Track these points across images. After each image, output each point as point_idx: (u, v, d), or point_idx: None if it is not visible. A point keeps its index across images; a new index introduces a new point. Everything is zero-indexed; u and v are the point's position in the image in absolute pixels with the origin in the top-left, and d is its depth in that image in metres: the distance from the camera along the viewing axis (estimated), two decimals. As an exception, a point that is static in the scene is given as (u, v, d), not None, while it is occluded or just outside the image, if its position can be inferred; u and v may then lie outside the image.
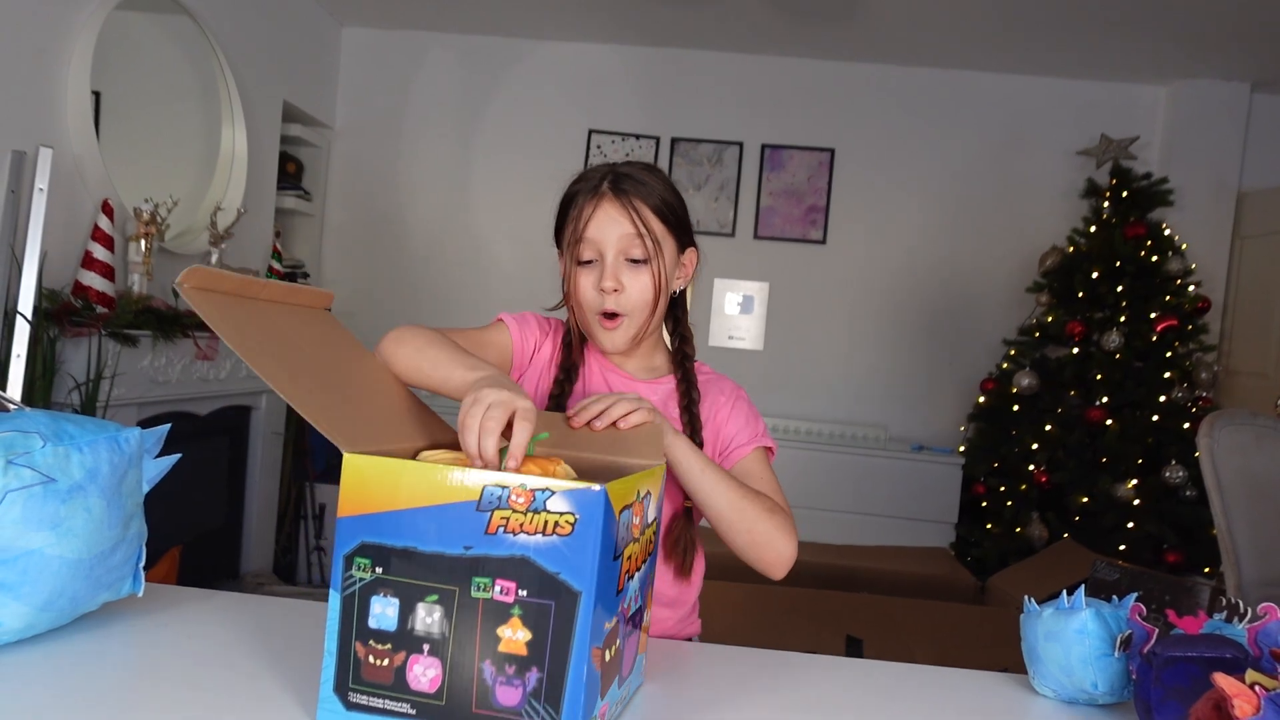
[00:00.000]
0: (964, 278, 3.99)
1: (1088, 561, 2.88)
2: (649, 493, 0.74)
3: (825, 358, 3.98)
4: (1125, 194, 3.53)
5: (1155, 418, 3.32)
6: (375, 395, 0.82)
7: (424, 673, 0.62)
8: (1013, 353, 3.64)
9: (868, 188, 4.00)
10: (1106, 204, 3.57)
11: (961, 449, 3.73)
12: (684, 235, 1.10)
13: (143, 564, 0.85)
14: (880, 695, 0.86)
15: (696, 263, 1.14)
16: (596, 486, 0.60)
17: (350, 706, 0.63)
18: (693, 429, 1.07)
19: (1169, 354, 3.38)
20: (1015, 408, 3.51)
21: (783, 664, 0.92)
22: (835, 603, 2.72)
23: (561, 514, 0.60)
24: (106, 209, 2.44)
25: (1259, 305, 3.74)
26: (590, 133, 4.05)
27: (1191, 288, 3.48)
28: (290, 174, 3.78)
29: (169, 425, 0.91)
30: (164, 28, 2.88)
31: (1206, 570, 3.21)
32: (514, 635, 0.61)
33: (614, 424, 0.88)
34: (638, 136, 4.03)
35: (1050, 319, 3.52)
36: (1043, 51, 3.68)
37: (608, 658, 0.65)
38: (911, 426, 4.01)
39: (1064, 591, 0.89)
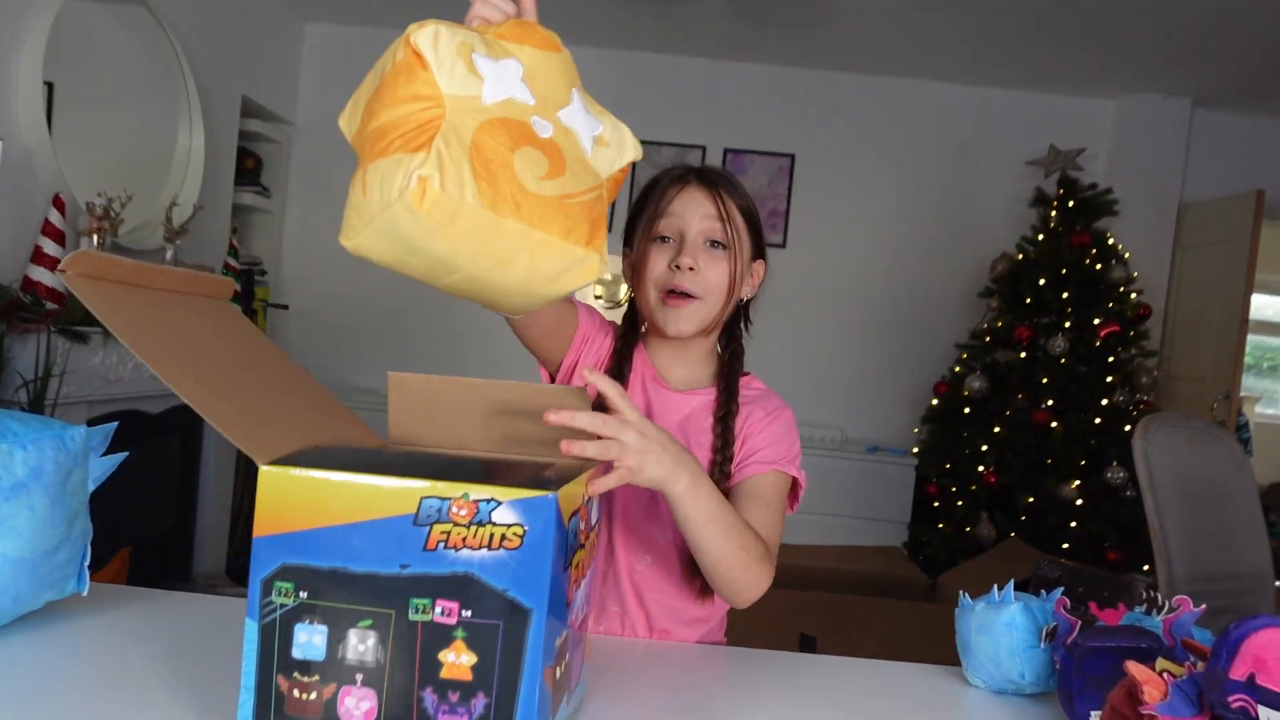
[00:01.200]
0: (918, 283, 4.08)
1: (1033, 560, 2.97)
2: (590, 498, 0.70)
3: (784, 361, 4.04)
4: (1072, 203, 3.64)
5: (1098, 420, 3.42)
6: (286, 394, 0.76)
7: (357, 705, 0.57)
8: (964, 356, 3.73)
9: (827, 193, 4.07)
10: (1054, 213, 3.67)
11: (915, 450, 3.81)
12: (759, 242, 1.09)
13: (88, 563, 0.85)
14: (822, 688, 0.89)
15: (764, 276, 1.12)
16: (548, 493, 0.56)
17: None
18: (724, 441, 1.02)
19: (1111, 359, 3.49)
20: (966, 410, 3.60)
21: (726, 659, 0.95)
22: (789, 601, 2.76)
23: (508, 526, 0.56)
24: (58, 203, 2.39)
25: (1197, 313, 3.88)
26: (553, 134, 4.06)
27: (1134, 295, 3.60)
28: (249, 170, 3.73)
29: (116, 423, 0.90)
30: (120, 19, 2.83)
31: (1145, 568, 3.32)
32: (458, 659, 0.56)
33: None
34: (600, 138, 4.05)
35: (1000, 324, 3.62)
36: (996, 64, 3.78)
37: (558, 675, 0.62)
38: (867, 428, 4.09)
39: (994, 586, 0.93)
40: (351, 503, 0.57)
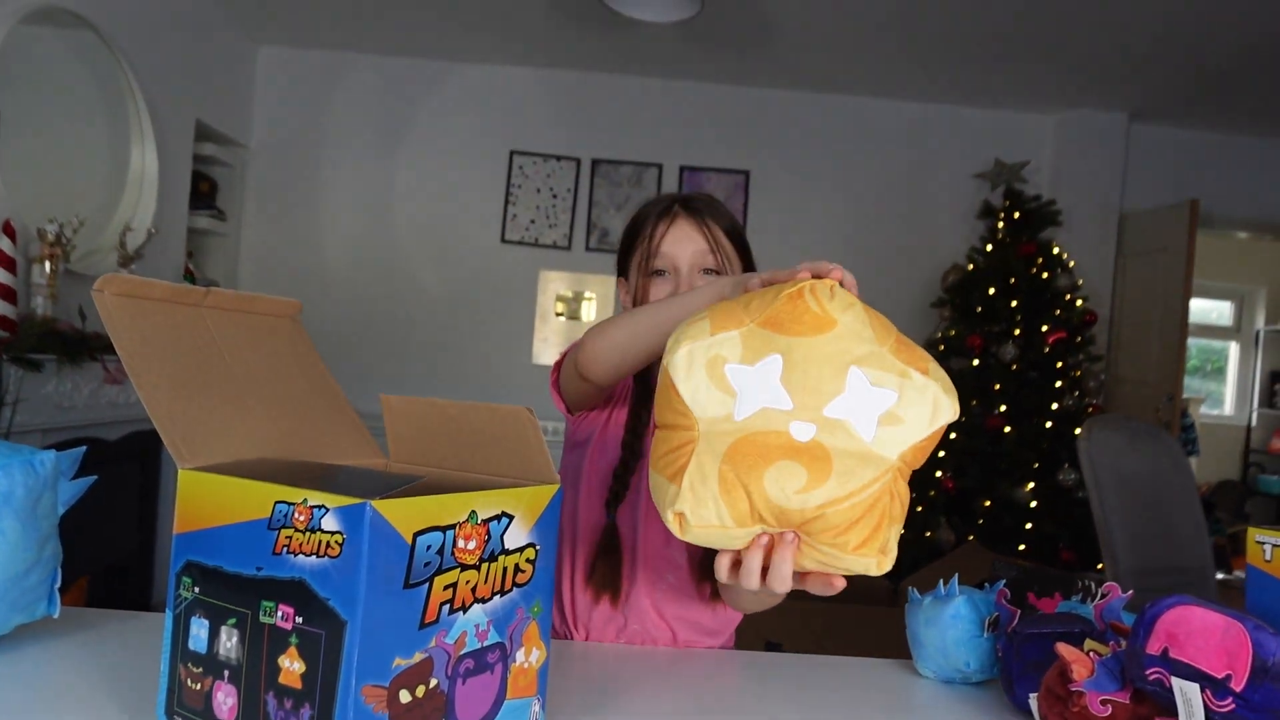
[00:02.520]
0: (873, 294, 4.12)
1: (990, 562, 3.05)
2: (510, 515, 0.67)
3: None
4: (1018, 215, 3.77)
5: (1049, 424, 3.53)
6: (292, 411, 0.80)
7: (224, 700, 0.60)
8: (920, 365, 3.82)
9: (782, 209, 4.15)
10: (1001, 224, 3.80)
11: (874, 458, 3.88)
12: (748, 260, 1.13)
13: (58, 585, 0.86)
14: (779, 684, 0.92)
15: None
16: (362, 502, 0.55)
17: None
18: None
19: (1060, 364, 3.61)
20: (923, 418, 3.68)
21: (685, 659, 0.99)
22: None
23: (332, 534, 0.56)
24: (8, 230, 2.36)
25: (1140, 318, 4.03)
26: (512, 154, 4.09)
27: (1079, 302, 3.73)
28: (204, 193, 3.71)
29: (85, 448, 0.92)
30: (68, 43, 2.80)
31: (1100, 566, 3.42)
32: (291, 666, 0.56)
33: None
34: (559, 158, 4.09)
35: (953, 333, 3.72)
36: (940, 81, 3.91)
37: (405, 699, 0.59)
38: (828, 438, 4.15)
39: (939, 581, 0.98)
40: (232, 505, 0.61)
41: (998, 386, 3.57)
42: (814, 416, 0.62)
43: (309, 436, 0.82)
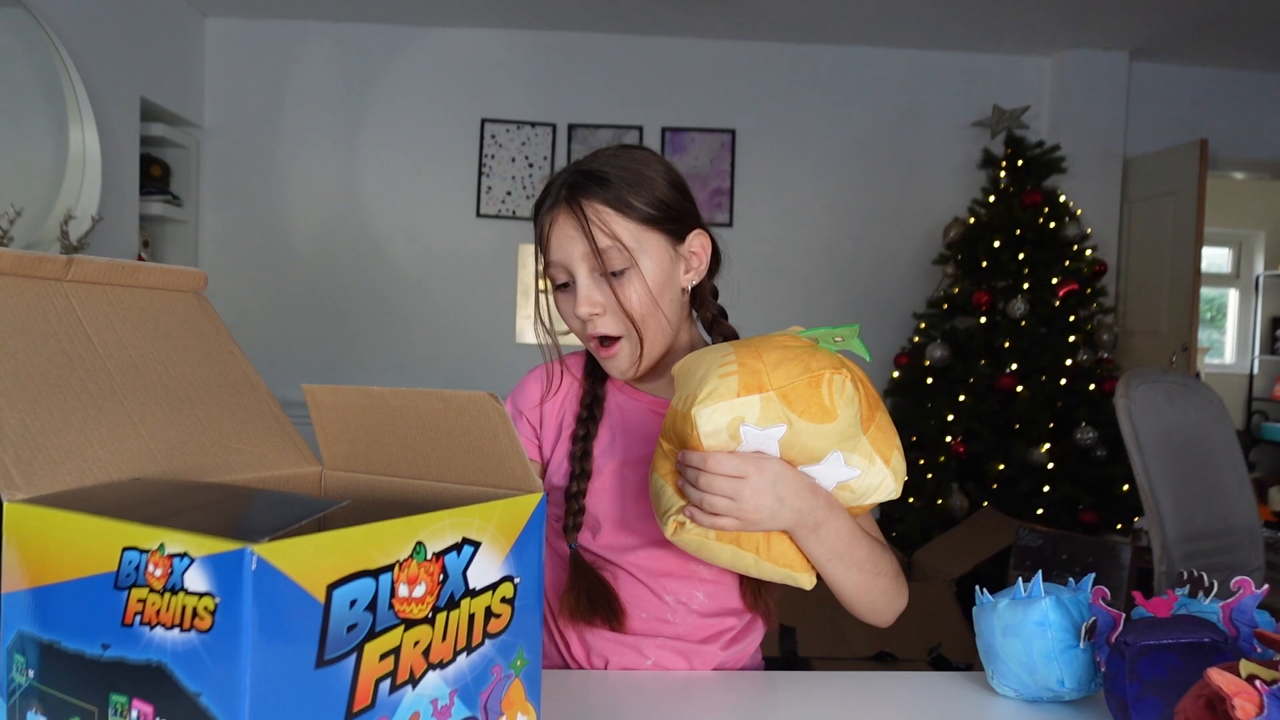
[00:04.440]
0: (872, 254, 3.99)
1: (1008, 528, 2.90)
2: (474, 543, 0.50)
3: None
4: (1020, 162, 3.58)
5: (1063, 381, 3.37)
6: (191, 409, 0.62)
7: None
8: (923, 326, 3.65)
9: (771, 168, 3.94)
10: (1003, 174, 3.61)
11: (879, 425, 3.72)
12: (674, 223, 0.91)
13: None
14: (836, 710, 0.75)
15: (712, 247, 0.96)
16: (240, 546, 0.38)
17: None
18: None
19: (1072, 318, 3.44)
20: (929, 380, 3.52)
21: (730, 682, 0.81)
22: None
23: (199, 596, 0.39)
24: (-74, 222, 2.14)
25: (1148, 266, 3.86)
26: (484, 122, 3.86)
27: (1088, 252, 3.56)
28: (155, 177, 3.47)
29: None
30: (-8, 20, 2.56)
31: (1119, 527, 3.28)
32: None
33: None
34: (534, 124, 3.87)
35: (957, 290, 3.54)
36: (933, 24, 3.70)
37: None
38: (829, 406, 3.99)
39: (1019, 580, 0.80)
40: (71, 552, 0.43)
41: (1007, 344, 3.40)
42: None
43: (211, 444, 0.63)
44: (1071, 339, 3.40)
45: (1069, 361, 3.37)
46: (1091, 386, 3.35)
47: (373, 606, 0.43)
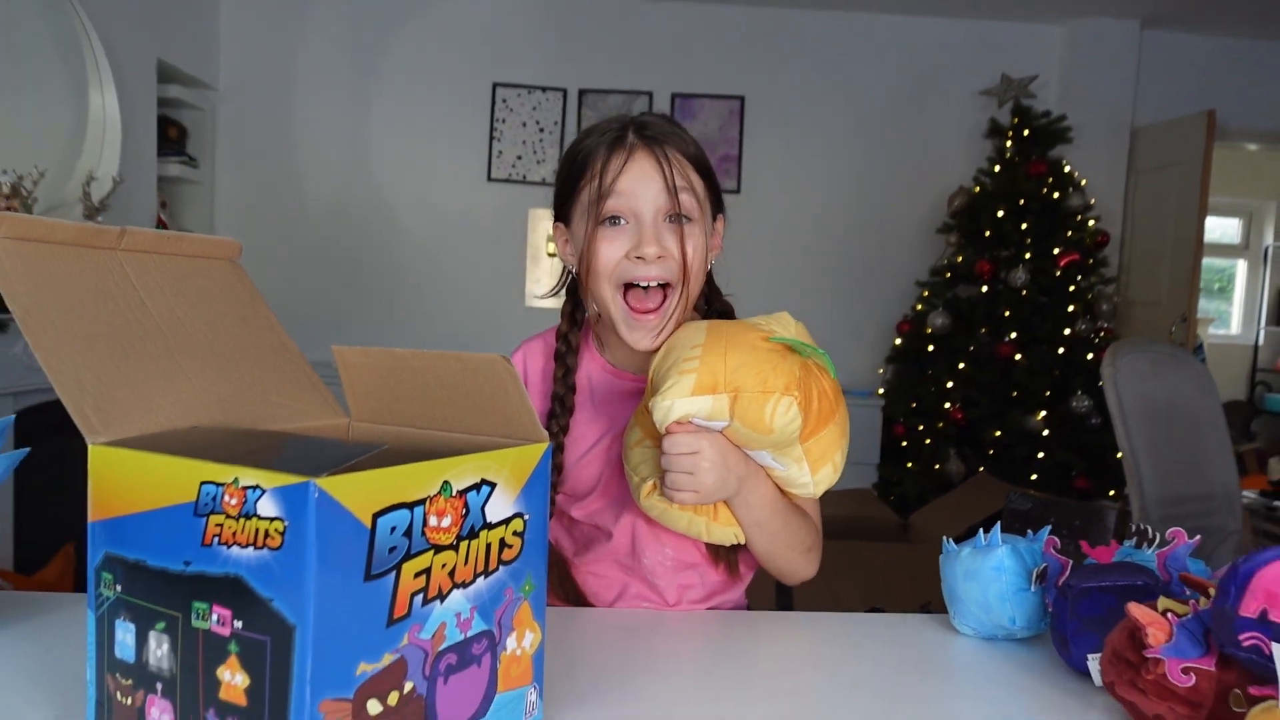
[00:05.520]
0: (877, 221, 4.03)
1: (1003, 493, 2.98)
2: (491, 483, 0.58)
3: (745, 308, 3.97)
4: (1027, 132, 3.60)
5: (1061, 350, 3.43)
6: (233, 367, 0.70)
7: (159, 718, 0.51)
8: (926, 294, 3.71)
9: (779, 135, 3.97)
10: (1009, 143, 3.63)
11: (881, 391, 3.80)
12: (717, 201, 0.96)
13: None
14: (807, 644, 0.84)
15: (723, 233, 1.00)
16: (305, 480, 0.45)
17: None
18: None
19: (1072, 288, 3.49)
20: (930, 348, 3.58)
21: (709, 621, 0.90)
22: (763, 550, 2.74)
23: (270, 520, 0.46)
24: (-42, 183, 2.22)
25: (1152, 237, 3.89)
26: (495, 86, 3.90)
27: (1091, 222, 3.59)
28: (173, 139, 3.53)
29: (12, 417, 0.81)
30: (13, -17, 2.61)
31: (1112, 494, 3.36)
32: (233, 679, 0.48)
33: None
34: (544, 89, 3.90)
35: (960, 259, 3.59)
36: (944, -8, 3.70)
37: (375, 710, 0.50)
38: (832, 372, 4.06)
39: (980, 530, 0.88)
40: (153, 487, 0.50)
41: (1007, 313, 3.46)
42: None
43: (254, 398, 0.71)
44: (1071, 309, 3.45)
45: (1068, 331, 3.43)
46: (1090, 356, 3.41)
47: (408, 533, 0.51)
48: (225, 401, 0.69)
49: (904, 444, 3.66)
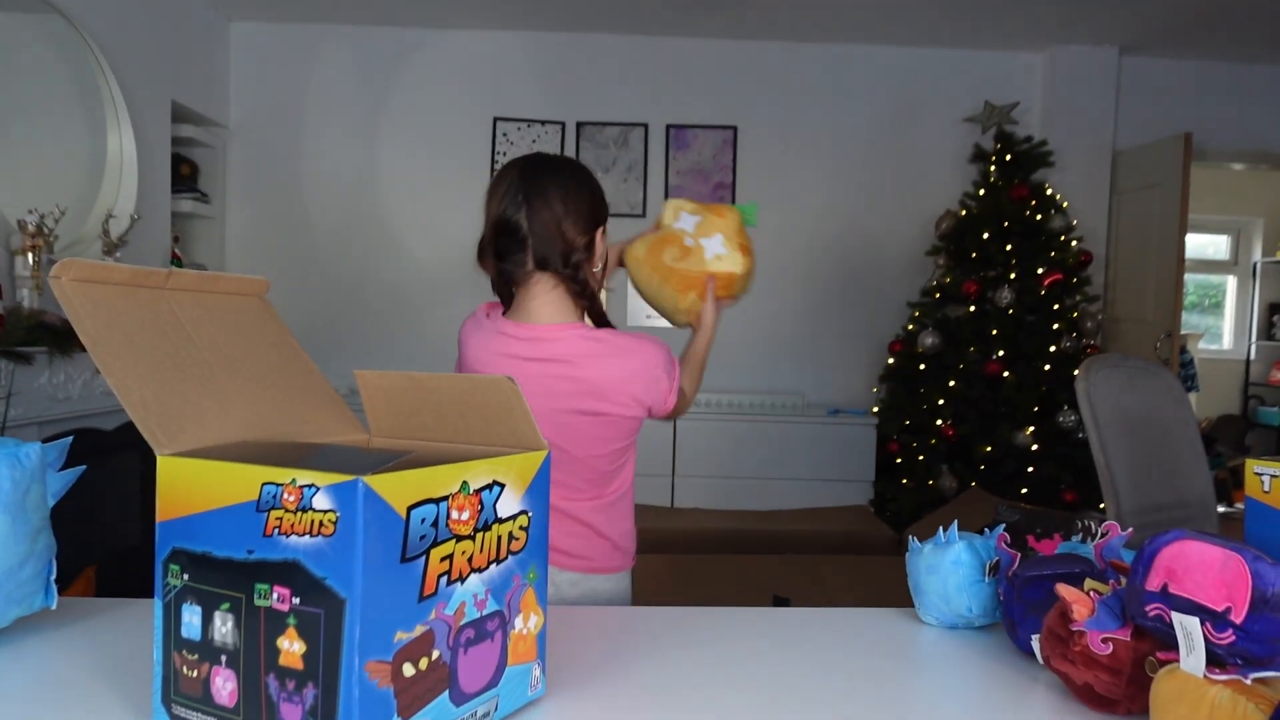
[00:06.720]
0: (868, 245, 4.14)
1: (993, 506, 3.07)
2: (501, 484, 0.68)
3: (742, 331, 4.08)
4: (1009, 157, 3.72)
5: (1047, 367, 3.52)
6: (269, 390, 0.79)
7: (224, 685, 0.60)
8: (916, 314, 3.81)
9: (771, 163, 4.10)
10: (993, 168, 3.75)
11: (875, 410, 3.89)
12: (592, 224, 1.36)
13: (54, 577, 0.86)
14: (783, 637, 0.92)
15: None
16: (353, 479, 0.55)
17: (173, 719, 0.63)
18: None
19: (1056, 306, 3.59)
20: (921, 367, 3.68)
21: (690, 618, 0.99)
22: (761, 566, 2.82)
23: (324, 512, 0.56)
24: (-13, 223, 2.33)
25: (1136, 255, 4.00)
26: (495, 120, 4.03)
27: (1074, 243, 3.70)
28: (185, 176, 3.66)
29: (71, 438, 0.91)
30: (35, 29, 2.74)
31: (1101, 506, 3.44)
32: (291, 647, 0.57)
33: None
34: (543, 122, 4.03)
35: (948, 280, 3.69)
36: (927, 22, 3.83)
37: (409, 672, 0.60)
38: (827, 392, 4.16)
39: (939, 528, 0.97)
40: (216, 489, 0.60)
41: (995, 331, 3.56)
42: (696, 241, 1.46)
43: (288, 416, 0.81)
44: (1056, 326, 3.55)
45: (1053, 348, 3.53)
46: (1075, 372, 3.50)
47: (435, 524, 0.61)
48: (264, 418, 0.79)
49: (898, 461, 3.74)
